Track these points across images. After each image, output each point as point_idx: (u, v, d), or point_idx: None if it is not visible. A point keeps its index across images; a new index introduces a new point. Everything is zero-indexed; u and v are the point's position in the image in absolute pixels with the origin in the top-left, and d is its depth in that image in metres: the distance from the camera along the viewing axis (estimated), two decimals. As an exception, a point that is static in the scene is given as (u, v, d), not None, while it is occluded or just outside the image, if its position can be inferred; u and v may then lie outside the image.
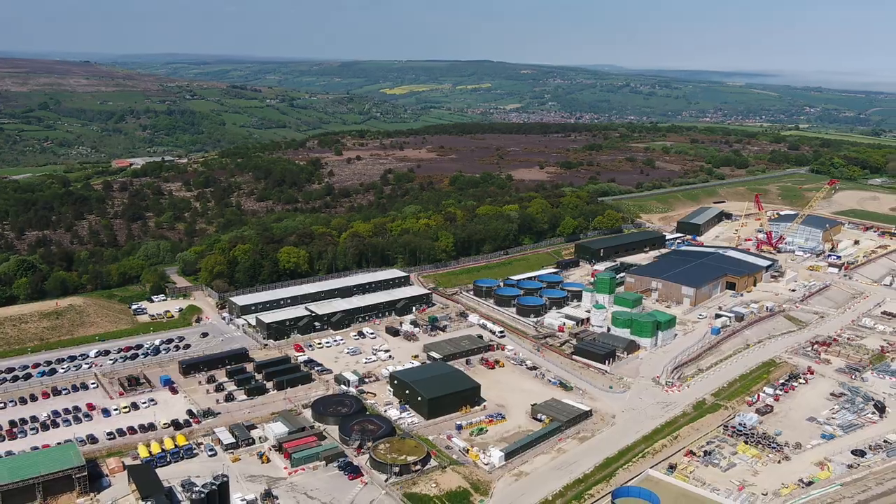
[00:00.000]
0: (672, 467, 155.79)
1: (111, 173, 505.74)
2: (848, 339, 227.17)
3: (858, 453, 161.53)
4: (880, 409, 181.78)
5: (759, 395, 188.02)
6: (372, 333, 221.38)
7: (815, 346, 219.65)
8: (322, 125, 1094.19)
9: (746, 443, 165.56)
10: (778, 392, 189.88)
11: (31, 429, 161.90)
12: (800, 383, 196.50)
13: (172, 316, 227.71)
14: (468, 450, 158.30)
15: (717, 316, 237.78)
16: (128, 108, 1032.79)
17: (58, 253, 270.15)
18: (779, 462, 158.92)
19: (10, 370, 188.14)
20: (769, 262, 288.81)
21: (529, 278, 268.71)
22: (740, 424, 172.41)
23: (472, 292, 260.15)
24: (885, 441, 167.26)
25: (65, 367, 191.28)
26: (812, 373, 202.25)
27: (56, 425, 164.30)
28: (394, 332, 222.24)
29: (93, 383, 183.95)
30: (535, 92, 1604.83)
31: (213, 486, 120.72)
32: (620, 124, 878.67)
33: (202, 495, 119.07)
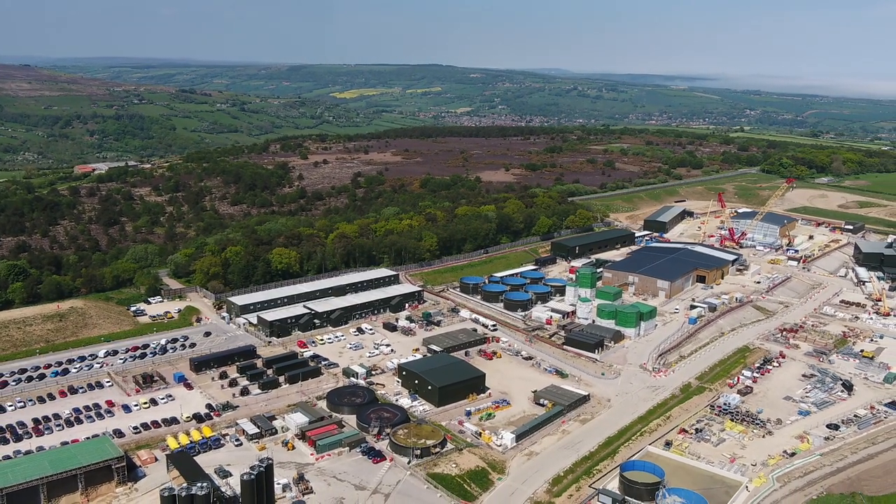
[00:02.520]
0: (668, 444, 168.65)
1: (75, 179, 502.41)
2: (813, 325, 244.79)
3: (833, 427, 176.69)
4: (848, 387, 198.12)
5: (738, 378, 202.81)
6: (370, 329, 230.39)
7: (784, 333, 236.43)
8: (274, 129, 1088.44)
9: (732, 420, 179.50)
10: (755, 375, 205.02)
11: (57, 425, 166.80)
12: (774, 366, 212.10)
13: (173, 317, 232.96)
14: (481, 433, 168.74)
15: (692, 307, 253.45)
16: (74, 113, 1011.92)
17: (46, 257, 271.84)
18: (763, 437, 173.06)
19: (23, 371, 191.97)
20: (734, 257, 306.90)
21: (512, 275, 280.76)
22: (725, 404, 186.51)
23: (458, 289, 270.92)
24: (855, 415, 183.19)
25: (77, 367, 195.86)
26: (784, 357, 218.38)
27: (80, 422, 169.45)
28: (391, 327, 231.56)
29: (107, 382, 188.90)
30: (485, 96, 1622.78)
31: (261, 469, 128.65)
32: (576, 127, 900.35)
33: (252, 477, 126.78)
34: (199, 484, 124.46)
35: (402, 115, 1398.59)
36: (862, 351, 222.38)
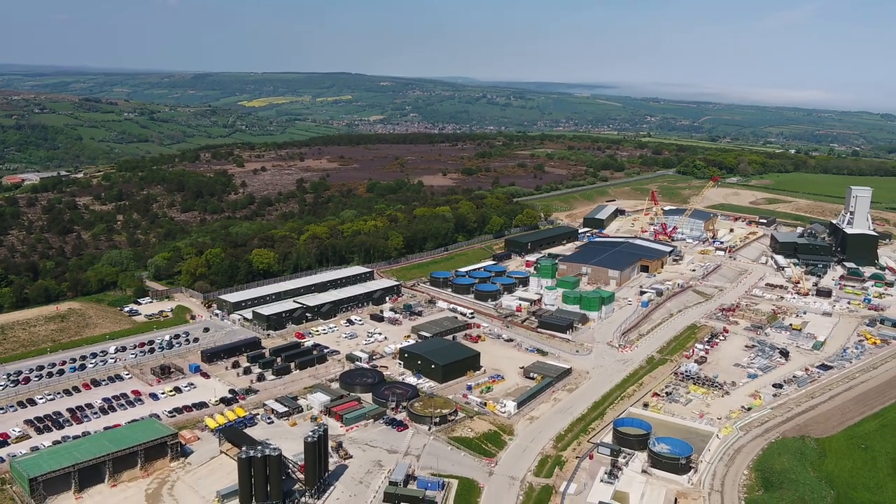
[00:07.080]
0: (646, 405, 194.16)
1: (6, 189, 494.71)
2: (747, 305, 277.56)
3: (778, 386, 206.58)
4: (785, 354, 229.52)
5: (693, 350, 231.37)
6: (360, 321, 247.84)
7: (724, 312, 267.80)
8: (186, 139, 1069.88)
9: (695, 384, 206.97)
10: (707, 347, 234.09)
11: (94, 414, 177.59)
12: (720, 340, 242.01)
13: (168, 315, 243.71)
14: (486, 403, 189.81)
15: (642, 292, 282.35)
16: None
17: (23, 264, 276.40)
18: (722, 396, 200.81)
19: (41, 367, 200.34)
20: (671, 248, 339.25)
21: (475, 269, 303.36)
22: (686, 372, 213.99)
23: (428, 283, 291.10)
24: (793, 376, 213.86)
25: (92, 362, 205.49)
26: (727, 332, 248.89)
27: (114, 409, 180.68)
28: (378, 318, 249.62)
29: (126, 374, 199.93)
30: (396, 103, 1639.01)
31: (320, 433, 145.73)
32: (497, 133, 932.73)
33: (313, 439, 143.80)
34: (271, 446, 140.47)
35: (314, 123, 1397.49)
36: (791, 325, 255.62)
